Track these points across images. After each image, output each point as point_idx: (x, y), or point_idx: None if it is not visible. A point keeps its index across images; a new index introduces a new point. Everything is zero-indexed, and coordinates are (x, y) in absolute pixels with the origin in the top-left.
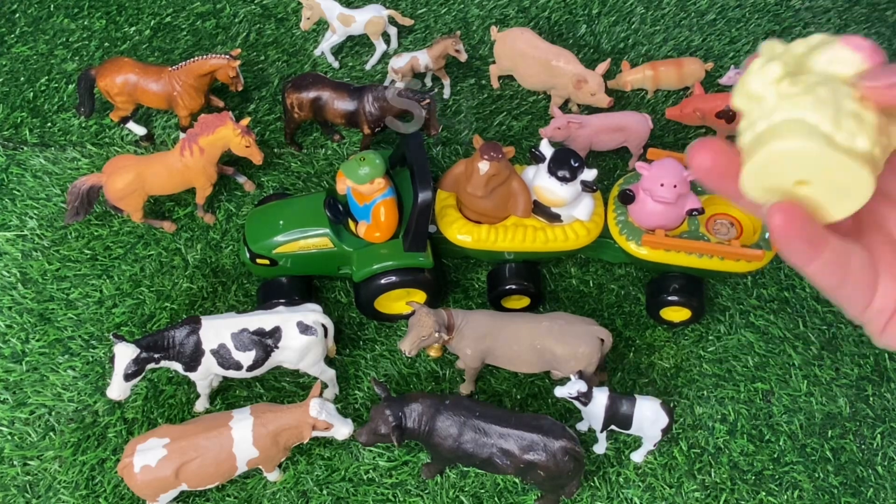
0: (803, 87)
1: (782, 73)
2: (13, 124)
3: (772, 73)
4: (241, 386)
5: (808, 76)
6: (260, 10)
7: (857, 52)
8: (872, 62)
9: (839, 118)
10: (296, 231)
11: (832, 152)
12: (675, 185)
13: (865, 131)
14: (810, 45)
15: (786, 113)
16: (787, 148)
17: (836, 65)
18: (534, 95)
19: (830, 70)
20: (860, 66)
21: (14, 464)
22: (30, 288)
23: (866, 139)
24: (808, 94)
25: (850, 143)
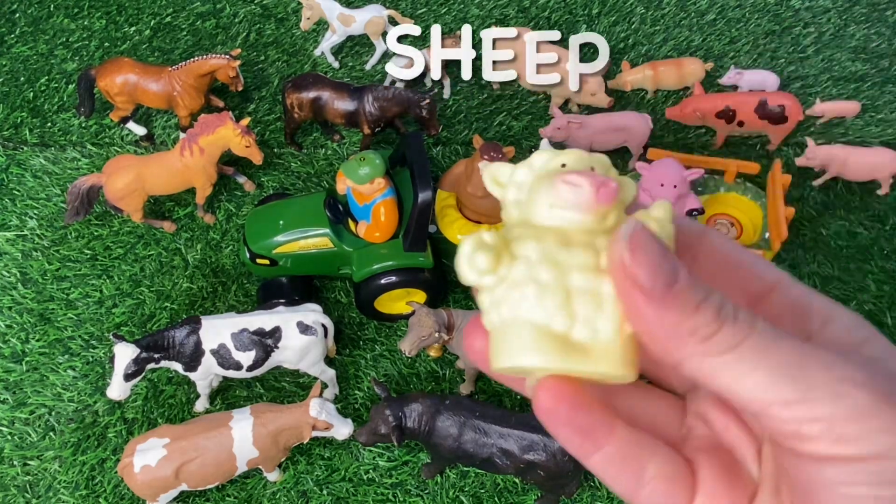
0: (524, 271)
1: (489, 265)
2: (13, 124)
3: (479, 264)
4: (241, 386)
5: (526, 246)
6: (260, 10)
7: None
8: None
9: (570, 305)
10: (296, 231)
11: (569, 365)
12: (675, 186)
13: (605, 310)
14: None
15: (510, 308)
16: (517, 365)
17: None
18: (534, 95)
19: (556, 223)
20: (591, 209)
21: (14, 464)
22: (30, 288)
23: (609, 321)
24: (530, 283)
25: (591, 335)
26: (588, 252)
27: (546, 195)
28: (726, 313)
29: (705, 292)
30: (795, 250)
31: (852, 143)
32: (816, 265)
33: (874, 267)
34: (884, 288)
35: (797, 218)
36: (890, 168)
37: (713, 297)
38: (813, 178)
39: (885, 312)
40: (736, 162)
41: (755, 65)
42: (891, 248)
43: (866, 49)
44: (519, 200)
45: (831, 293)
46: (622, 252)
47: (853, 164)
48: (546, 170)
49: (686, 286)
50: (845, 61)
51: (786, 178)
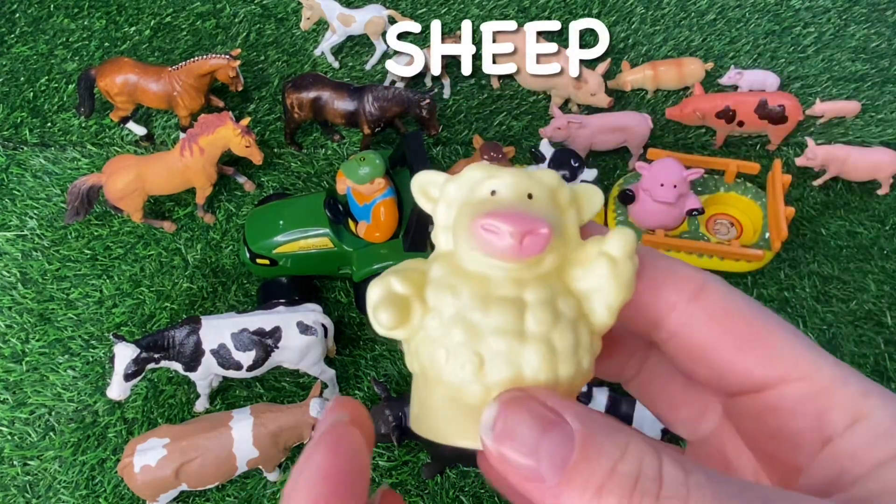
0: (436, 329)
1: (392, 323)
2: (13, 124)
3: (382, 321)
4: (241, 386)
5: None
6: (260, 10)
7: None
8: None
9: (482, 375)
10: (296, 231)
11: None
12: (675, 185)
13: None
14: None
15: (425, 366)
16: (429, 437)
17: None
18: (534, 95)
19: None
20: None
21: (14, 464)
22: (30, 288)
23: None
24: (439, 347)
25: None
26: (509, 311)
27: (466, 235)
28: (643, 491)
29: (609, 462)
30: (795, 250)
31: (852, 143)
32: (816, 265)
33: (874, 267)
34: (884, 288)
35: (797, 218)
36: (890, 168)
37: (624, 465)
38: (813, 178)
39: (885, 312)
40: (736, 162)
41: (755, 65)
42: (891, 248)
43: (866, 49)
44: (447, 224)
45: (831, 293)
46: (490, 446)
47: (853, 164)
48: (473, 197)
49: (581, 461)
50: (845, 61)
51: (786, 178)
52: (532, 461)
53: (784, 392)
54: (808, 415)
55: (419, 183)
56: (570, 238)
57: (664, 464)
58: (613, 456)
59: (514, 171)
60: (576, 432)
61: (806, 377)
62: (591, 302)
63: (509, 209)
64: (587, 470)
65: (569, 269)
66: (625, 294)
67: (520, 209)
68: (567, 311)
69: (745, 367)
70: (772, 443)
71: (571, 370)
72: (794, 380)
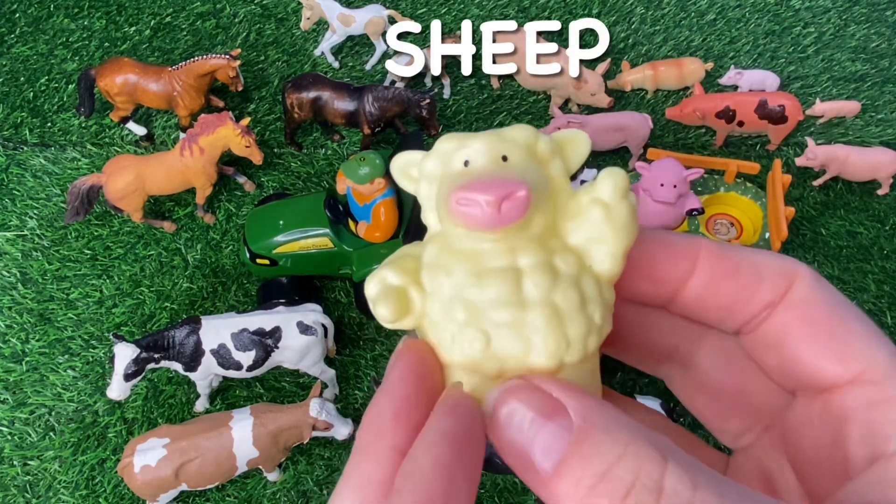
0: (438, 312)
1: (393, 315)
2: (13, 124)
3: (382, 315)
4: (241, 386)
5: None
6: (260, 10)
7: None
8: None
9: (490, 349)
10: (296, 231)
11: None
12: (675, 185)
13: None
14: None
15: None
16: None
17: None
18: (534, 95)
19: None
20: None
21: (14, 464)
22: (30, 288)
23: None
24: (445, 329)
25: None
26: (505, 281)
27: (447, 213)
28: (639, 499)
29: (603, 463)
30: (795, 250)
31: (852, 143)
32: (816, 265)
33: (874, 267)
34: (884, 288)
35: (797, 218)
36: (890, 168)
37: (620, 468)
38: (813, 178)
39: (885, 312)
40: (736, 162)
41: (755, 65)
42: (891, 248)
43: (866, 49)
44: (433, 205)
45: None
46: (490, 434)
47: (853, 164)
48: (448, 170)
49: (574, 458)
50: (845, 61)
51: (786, 178)
52: (521, 453)
53: (850, 394)
54: (865, 424)
55: (398, 165)
56: (559, 191)
57: (668, 473)
58: (609, 457)
59: (484, 135)
60: (574, 426)
61: (878, 381)
62: (591, 253)
63: (483, 177)
64: (579, 467)
65: (563, 222)
66: (626, 238)
67: (494, 175)
68: (566, 268)
69: (816, 361)
70: (820, 454)
71: (582, 328)
72: (862, 382)
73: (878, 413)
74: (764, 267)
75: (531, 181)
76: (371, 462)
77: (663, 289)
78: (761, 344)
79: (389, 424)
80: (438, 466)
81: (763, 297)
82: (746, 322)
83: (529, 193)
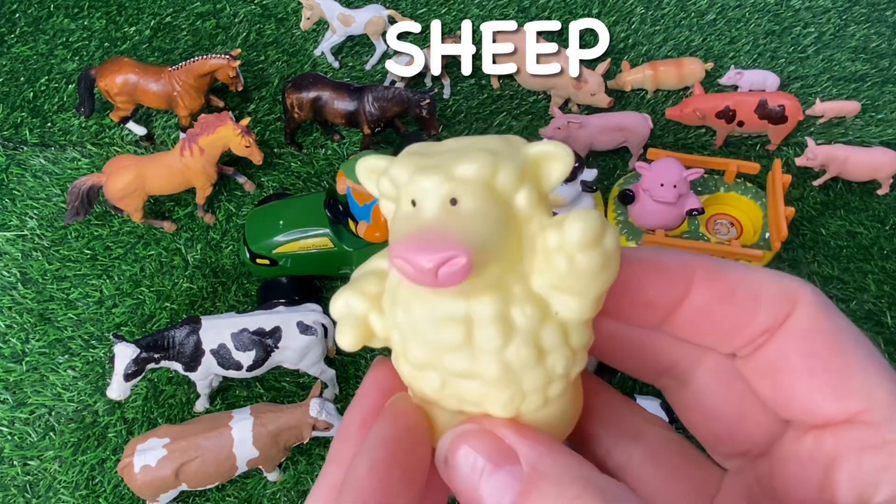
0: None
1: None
2: (13, 124)
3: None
4: (241, 386)
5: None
6: (260, 10)
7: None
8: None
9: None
10: (296, 231)
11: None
12: (675, 185)
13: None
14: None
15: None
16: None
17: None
18: (534, 95)
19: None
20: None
21: (14, 464)
22: (30, 288)
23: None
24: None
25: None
26: (458, 330)
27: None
28: None
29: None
30: (795, 250)
31: (852, 143)
32: (816, 265)
33: (874, 267)
34: (884, 288)
35: (797, 218)
36: (890, 168)
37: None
38: (813, 178)
39: (885, 312)
40: (736, 162)
41: (755, 65)
42: (891, 248)
43: (866, 49)
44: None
45: (831, 293)
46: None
47: (853, 164)
48: (398, 206)
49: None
50: (845, 61)
51: (786, 178)
52: (477, 497)
53: (843, 434)
54: (857, 468)
55: (365, 170)
56: (527, 221)
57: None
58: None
59: (432, 173)
60: (524, 472)
61: (875, 423)
62: (556, 301)
63: (423, 232)
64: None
65: (531, 258)
66: (597, 286)
67: (435, 230)
68: (523, 321)
69: (811, 396)
70: (807, 492)
71: (539, 381)
72: (858, 423)
73: (869, 458)
74: (763, 289)
75: (478, 236)
76: (337, 466)
77: (655, 314)
78: (756, 371)
79: (355, 432)
80: (373, 469)
81: (760, 324)
82: (742, 347)
83: (470, 260)
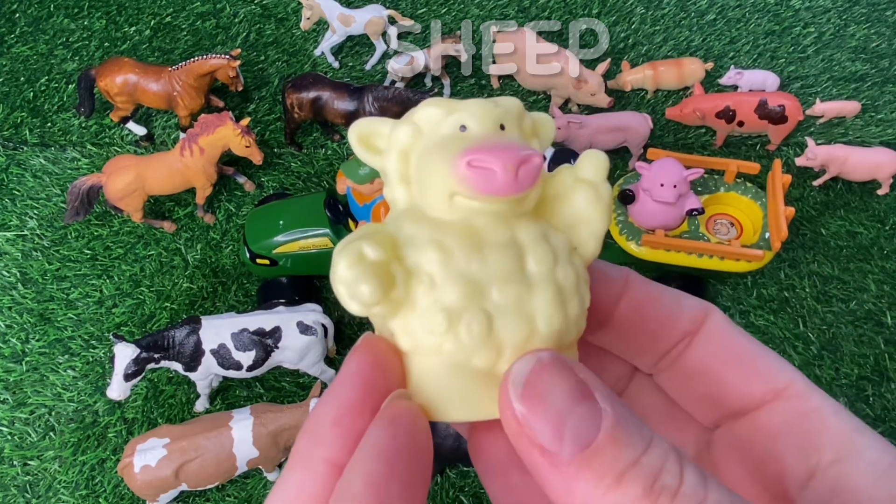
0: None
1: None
2: (13, 124)
3: (364, 296)
4: (241, 386)
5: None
6: (260, 10)
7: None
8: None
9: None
10: (296, 231)
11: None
12: (675, 185)
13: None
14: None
15: (416, 340)
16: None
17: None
18: (534, 95)
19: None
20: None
21: (14, 464)
22: (30, 288)
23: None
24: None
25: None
26: (509, 255)
27: (443, 179)
28: (663, 486)
29: (635, 452)
30: (795, 250)
31: (852, 143)
32: (816, 265)
33: (874, 267)
34: (884, 288)
35: (797, 218)
36: (890, 168)
37: (648, 458)
38: (813, 178)
39: (885, 312)
40: (736, 162)
41: (755, 65)
42: (891, 248)
43: (866, 49)
44: (405, 175)
45: (831, 293)
46: (515, 404)
47: (853, 164)
48: (439, 136)
49: (607, 444)
50: (845, 61)
51: (786, 178)
52: (556, 431)
53: (776, 409)
54: (797, 435)
55: (358, 133)
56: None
57: (685, 465)
58: (639, 446)
59: (479, 101)
60: (605, 414)
61: (796, 396)
62: (577, 233)
63: (487, 142)
64: (612, 455)
65: (544, 203)
66: (608, 219)
67: (499, 140)
68: (560, 245)
69: (742, 382)
70: (757, 473)
71: (578, 308)
72: (788, 397)
73: (806, 424)
74: (682, 297)
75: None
76: (302, 471)
77: (597, 313)
78: (685, 374)
79: (328, 431)
80: (371, 487)
81: (683, 326)
82: (668, 351)
83: (542, 160)
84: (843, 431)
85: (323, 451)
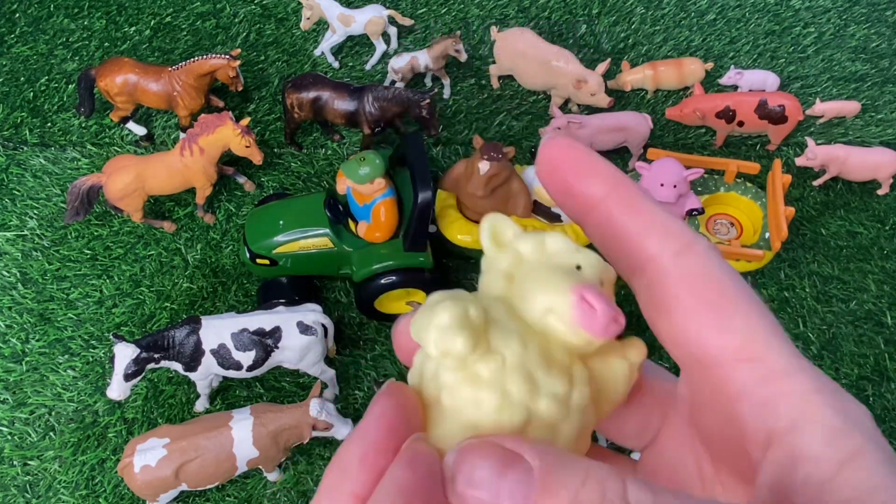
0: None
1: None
2: (13, 124)
3: (455, 346)
4: (241, 386)
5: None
6: (260, 10)
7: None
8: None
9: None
10: (296, 231)
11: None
12: (675, 185)
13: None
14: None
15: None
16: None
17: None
18: (534, 95)
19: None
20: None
21: (14, 464)
22: (30, 288)
23: None
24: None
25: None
26: (566, 379)
27: (550, 296)
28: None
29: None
30: (795, 250)
31: (852, 143)
32: (816, 265)
33: (874, 267)
34: (884, 288)
35: (797, 218)
36: (890, 168)
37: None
38: (813, 178)
39: (885, 312)
40: (736, 162)
41: (755, 65)
42: (891, 248)
43: (866, 49)
44: (510, 274)
45: (831, 293)
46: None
47: (853, 164)
48: (556, 262)
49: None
50: (845, 61)
51: (786, 178)
52: (496, 502)
53: (737, 371)
54: (755, 402)
55: (491, 226)
56: None
57: (629, 487)
58: (574, 486)
59: (596, 255)
60: (535, 469)
61: (756, 359)
62: (603, 391)
63: (601, 291)
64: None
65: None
66: (624, 399)
67: (606, 295)
68: (588, 393)
69: (698, 332)
70: (723, 436)
71: (584, 448)
72: (744, 360)
73: (763, 390)
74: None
75: None
76: (330, 503)
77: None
78: (652, 312)
79: (355, 467)
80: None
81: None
82: (635, 270)
83: (624, 322)
84: (800, 393)
85: (350, 486)
